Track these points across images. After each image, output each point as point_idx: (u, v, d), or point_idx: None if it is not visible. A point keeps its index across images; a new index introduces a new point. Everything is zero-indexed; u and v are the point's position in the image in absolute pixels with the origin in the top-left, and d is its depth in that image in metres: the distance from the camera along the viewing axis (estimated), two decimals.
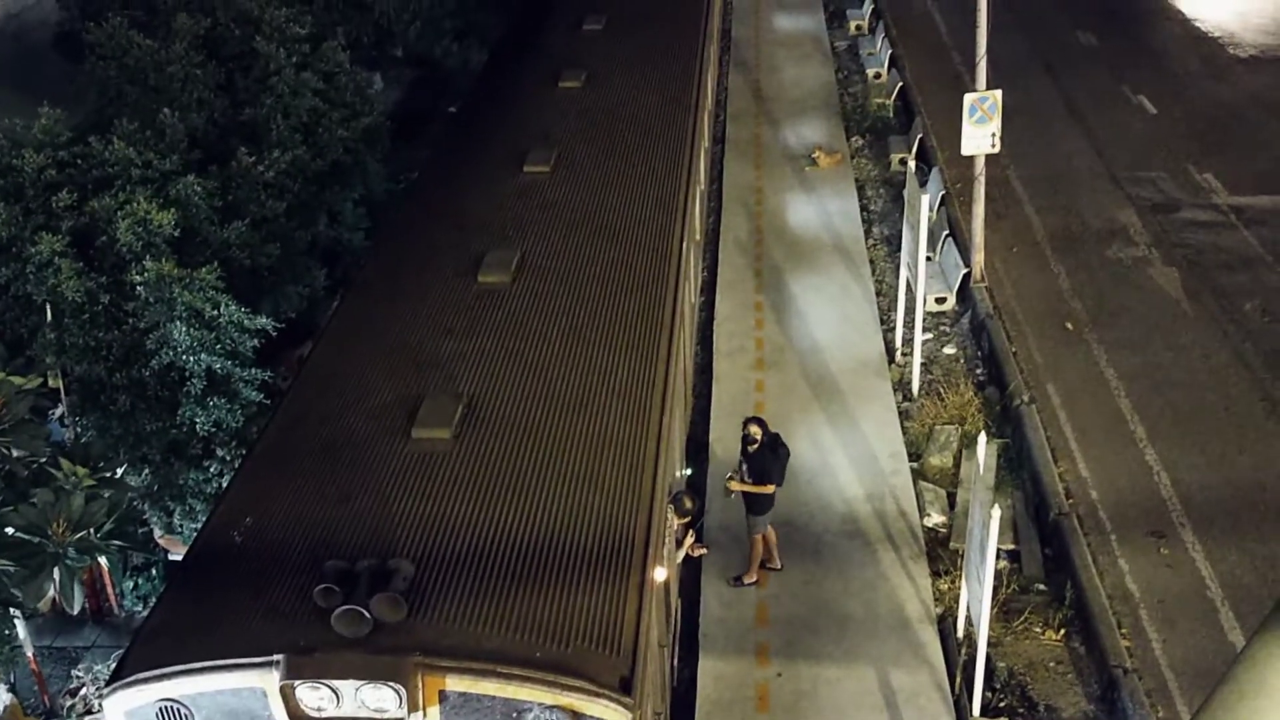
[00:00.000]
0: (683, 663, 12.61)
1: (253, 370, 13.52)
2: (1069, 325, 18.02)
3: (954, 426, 16.18)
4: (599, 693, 7.75)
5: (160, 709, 7.84)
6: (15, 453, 10.16)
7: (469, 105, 19.40)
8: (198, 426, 13.12)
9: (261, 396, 13.60)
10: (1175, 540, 13.90)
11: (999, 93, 17.38)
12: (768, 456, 13.15)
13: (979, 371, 17.71)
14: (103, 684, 11.17)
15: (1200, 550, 13.71)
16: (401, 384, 10.55)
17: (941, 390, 17.05)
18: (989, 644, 11.84)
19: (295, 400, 11.02)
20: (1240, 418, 15.75)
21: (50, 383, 13.50)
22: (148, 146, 14.77)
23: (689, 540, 12.75)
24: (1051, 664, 12.74)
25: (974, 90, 17.71)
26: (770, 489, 13.20)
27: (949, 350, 18.28)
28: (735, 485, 13.20)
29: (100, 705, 8.99)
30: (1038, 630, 13.10)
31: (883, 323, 18.66)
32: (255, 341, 13.61)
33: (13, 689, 12.50)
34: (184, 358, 12.99)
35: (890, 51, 28.30)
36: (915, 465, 15.67)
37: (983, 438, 11.97)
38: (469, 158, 15.73)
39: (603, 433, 10.05)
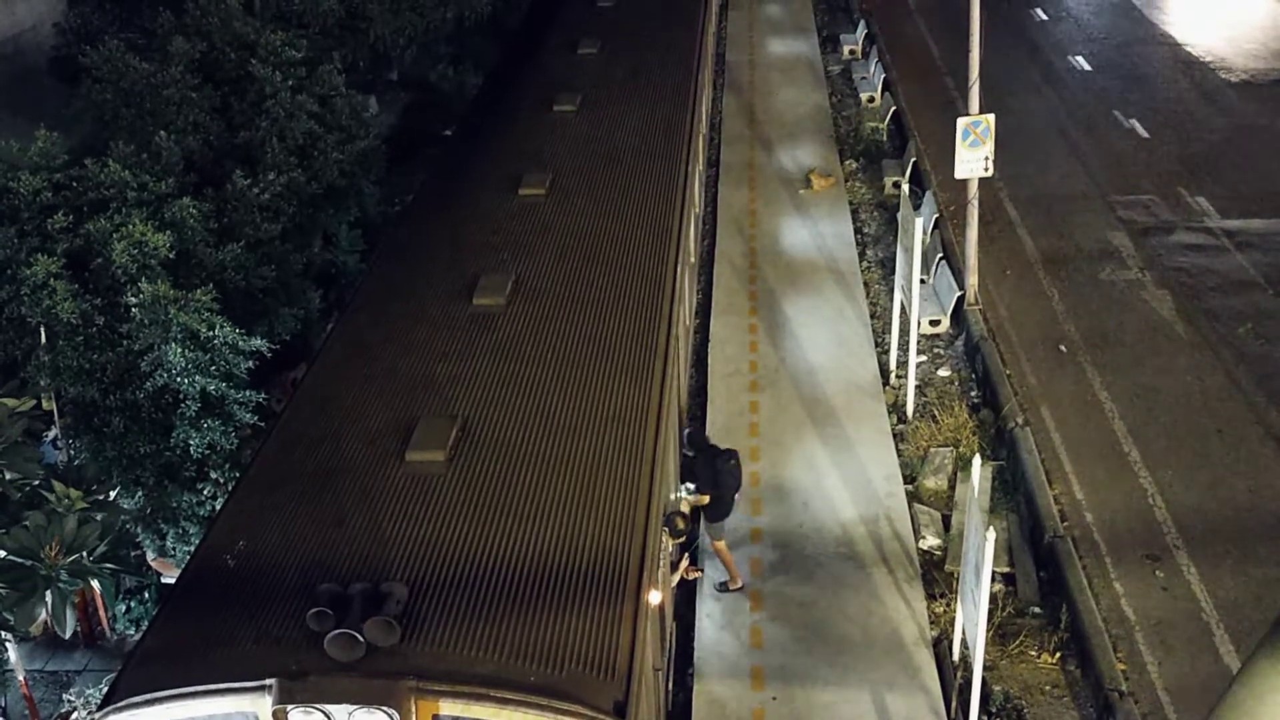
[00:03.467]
0: (677, 686, 12.56)
1: (247, 392, 13.50)
2: (1062, 348, 18.06)
3: (949, 449, 16.19)
4: (593, 717, 7.71)
5: None
6: (8, 475, 10.15)
7: (464, 129, 19.45)
8: (191, 449, 13.09)
9: (255, 419, 13.57)
10: (1170, 563, 13.90)
11: (992, 117, 17.48)
12: (698, 463, 13.17)
13: (973, 394, 17.74)
14: (95, 708, 11.11)
15: (1195, 573, 13.71)
16: (395, 407, 10.54)
17: (936, 412, 17.06)
18: (985, 667, 11.80)
19: (289, 423, 10.99)
20: (1234, 441, 15.78)
21: (44, 405, 13.48)
22: (143, 169, 14.79)
23: (684, 563, 12.73)
24: (1047, 687, 12.70)
25: (967, 114, 17.81)
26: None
27: (943, 372, 18.31)
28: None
29: None
30: (1033, 653, 13.07)
31: (877, 345, 18.69)
32: (250, 364, 13.59)
33: (4, 713, 12.42)
34: (178, 379, 12.97)
35: (884, 76, 28.46)
36: (910, 488, 15.67)
37: (977, 460, 11.97)
38: (464, 181, 15.77)
39: (597, 455, 10.04)
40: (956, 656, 12.71)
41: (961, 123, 17.57)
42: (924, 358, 18.46)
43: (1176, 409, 16.45)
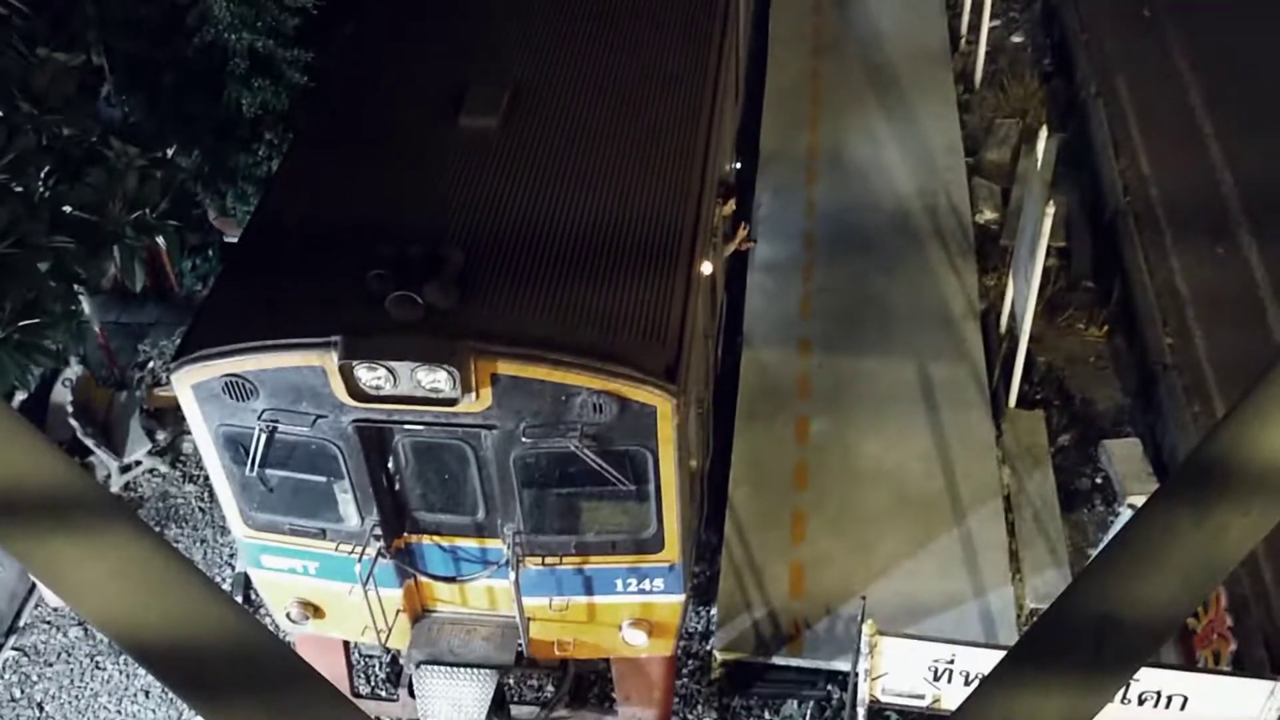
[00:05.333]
0: (726, 353, 12.90)
1: (295, 50, 13.20)
2: (1146, 12, 17.06)
3: (1014, 120, 15.71)
4: (644, 379, 7.94)
5: (226, 383, 8.18)
6: (66, 131, 10.15)
7: None
8: (244, 108, 12.98)
9: (306, 79, 13.35)
10: (1230, 240, 13.71)
11: None
12: None
13: (1046, 61, 17.00)
14: (169, 358, 11.66)
15: (1255, 250, 13.53)
16: (446, 69, 10.27)
17: (1005, 81, 16.43)
18: (1031, 339, 11.97)
19: (339, 84, 10.82)
20: None
21: (93, 60, 13.29)
22: None
23: (740, 233, 12.72)
24: (1092, 359, 12.92)
25: None
26: None
27: (1017, 39, 17.48)
28: None
29: (168, 378, 9.41)
30: (1081, 326, 13.20)
31: (949, 7, 17.75)
32: (297, 20, 13.21)
33: (84, 361, 13.09)
34: (225, 35, 12.69)
35: None
36: (971, 160, 15.33)
37: (1044, 132, 11.65)
38: None
39: (652, 122, 9.82)
40: (1004, 328, 12.88)
41: None
42: (997, 22, 17.54)
43: (1258, 79, 15.63)
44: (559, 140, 9.53)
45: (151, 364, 13.93)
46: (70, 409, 12.13)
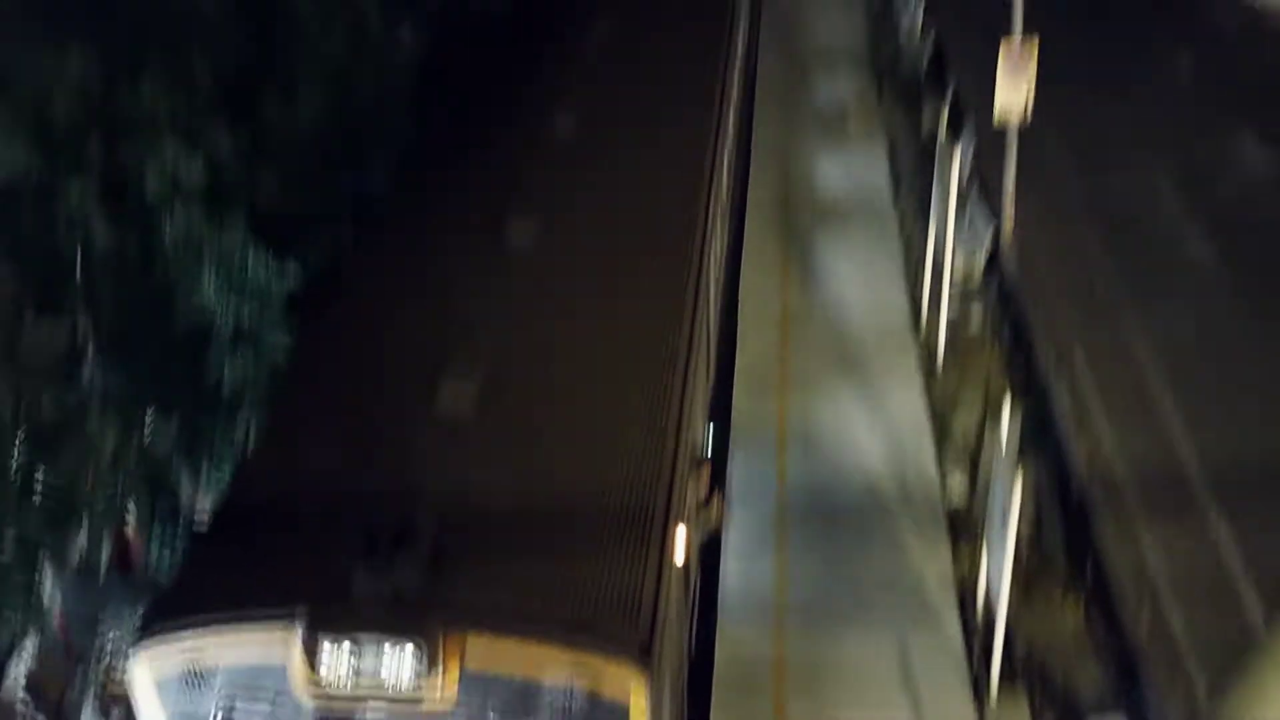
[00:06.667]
0: (701, 631, 12.65)
1: (280, 325, 13.51)
2: (1100, 290, 17.81)
3: (979, 393, 16.10)
4: (618, 657, 7.79)
5: (183, 668, 7.95)
6: (44, 403, 10.25)
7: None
8: (224, 383, 13.16)
9: (288, 352, 13.60)
10: (1200, 515, 13.81)
11: (1035, 41, 17.10)
12: None
13: (1006, 336, 17.57)
14: (129, 641, 11.31)
15: (1222, 527, 13.60)
16: (423, 347, 10.52)
17: (967, 356, 16.93)
18: (1008, 616, 11.84)
19: (314, 358, 11.06)
20: (1275, 393, 15.49)
21: (79, 333, 13.53)
22: (176, 86, 14.50)
23: (716, 502, 12.68)
24: (1070, 638, 12.75)
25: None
26: None
27: (976, 314, 18.13)
28: None
29: (125, 663, 9.13)
30: (1057, 604, 13.10)
31: (909, 287, 18.50)
32: (283, 295, 13.58)
33: (42, 637, 12.67)
34: (213, 310, 13.02)
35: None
36: (938, 433, 15.60)
37: (1007, 406, 11.91)
38: (486, 119, 15.42)
39: (625, 403, 10.02)
40: (980, 605, 12.76)
41: (1003, 48, 17.23)
42: (957, 301, 18.24)
43: (1217, 357, 16.19)
44: (533, 419, 9.67)
45: (109, 646, 13.46)
46: (23, 688, 11.67)
